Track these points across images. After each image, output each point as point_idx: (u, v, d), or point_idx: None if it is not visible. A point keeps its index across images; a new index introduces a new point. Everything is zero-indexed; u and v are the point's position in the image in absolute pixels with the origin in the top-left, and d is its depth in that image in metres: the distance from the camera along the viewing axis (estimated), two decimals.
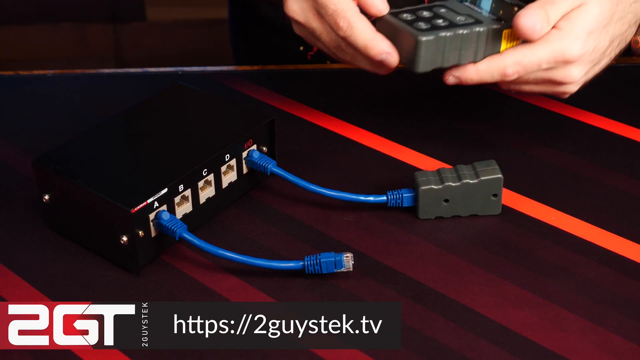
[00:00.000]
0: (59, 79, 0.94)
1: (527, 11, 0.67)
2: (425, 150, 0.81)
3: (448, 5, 0.73)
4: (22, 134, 0.85)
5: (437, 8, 0.73)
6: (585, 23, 0.67)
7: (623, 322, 0.63)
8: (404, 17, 0.71)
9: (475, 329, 0.63)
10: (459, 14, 0.72)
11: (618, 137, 0.82)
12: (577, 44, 0.67)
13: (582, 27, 0.67)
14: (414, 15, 0.71)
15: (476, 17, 0.71)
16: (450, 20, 0.71)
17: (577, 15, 0.68)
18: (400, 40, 0.71)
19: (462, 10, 0.73)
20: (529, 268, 0.67)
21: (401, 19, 0.71)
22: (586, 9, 0.67)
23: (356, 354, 0.61)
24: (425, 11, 0.72)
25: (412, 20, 0.71)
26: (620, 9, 0.70)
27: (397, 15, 0.71)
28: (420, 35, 0.68)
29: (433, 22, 0.70)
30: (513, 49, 0.69)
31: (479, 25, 0.70)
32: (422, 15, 0.71)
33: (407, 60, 0.71)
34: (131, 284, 0.67)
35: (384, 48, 0.70)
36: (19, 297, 0.66)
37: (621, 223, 0.72)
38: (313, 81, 0.93)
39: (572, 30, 0.67)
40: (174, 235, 0.66)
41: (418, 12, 0.72)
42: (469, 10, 0.73)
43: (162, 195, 0.66)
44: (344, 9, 0.70)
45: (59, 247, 0.70)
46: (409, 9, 0.72)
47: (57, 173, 0.68)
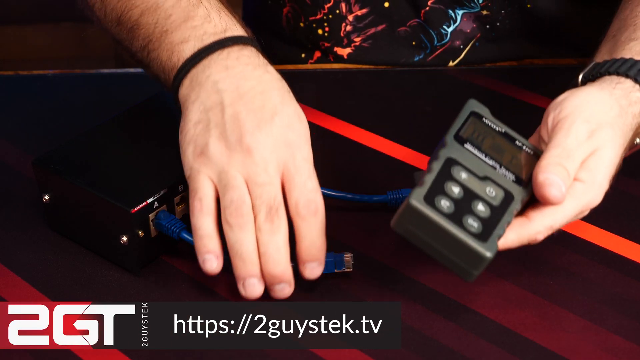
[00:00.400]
0: (59, 79, 0.94)
1: (549, 177, 0.60)
2: (425, 150, 0.81)
3: (460, 161, 0.62)
4: (22, 134, 0.85)
5: (457, 172, 0.61)
6: (606, 169, 0.63)
7: (623, 322, 0.63)
8: (442, 208, 0.58)
9: (475, 329, 0.63)
10: (482, 181, 0.61)
11: None
12: (601, 192, 0.64)
13: (604, 175, 0.63)
14: (448, 199, 0.59)
15: (498, 181, 0.62)
16: (487, 202, 0.60)
17: (596, 164, 0.62)
18: (444, 241, 0.59)
19: (477, 168, 0.62)
20: (529, 268, 0.67)
21: (441, 211, 0.58)
22: (602, 155, 0.63)
23: (356, 354, 0.61)
24: (453, 184, 0.60)
25: (453, 212, 0.59)
26: (627, 134, 0.66)
27: (432, 204, 0.58)
28: (485, 250, 0.58)
29: (476, 211, 0.59)
30: (541, 214, 0.62)
31: (513, 203, 0.61)
32: (456, 196, 0.60)
33: (454, 267, 0.59)
34: (131, 284, 0.67)
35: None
36: (19, 297, 0.66)
37: (621, 223, 0.72)
38: (313, 81, 0.93)
39: (595, 181, 0.62)
40: (174, 235, 0.66)
41: (448, 190, 0.60)
42: (480, 165, 0.62)
43: (162, 195, 0.66)
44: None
45: (59, 247, 0.70)
46: (433, 183, 0.60)
47: (57, 173, 0.68)
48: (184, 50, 0.67)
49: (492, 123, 0.65)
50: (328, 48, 0.96)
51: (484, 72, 0.94)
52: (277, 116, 0.64)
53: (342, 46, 0.96)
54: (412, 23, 0.93)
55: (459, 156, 0.62)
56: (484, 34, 0.95)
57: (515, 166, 0.63)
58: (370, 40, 0.95)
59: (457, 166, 0.61)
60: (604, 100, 0.64)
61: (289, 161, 0.63)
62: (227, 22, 0.68)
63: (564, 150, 0.61)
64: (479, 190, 0.61)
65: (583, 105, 0.64)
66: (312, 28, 0.96)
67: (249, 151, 0.63)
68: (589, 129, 0.62)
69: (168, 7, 0.70)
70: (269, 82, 0.66)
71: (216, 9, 0.69)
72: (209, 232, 0.63)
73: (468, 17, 0.93)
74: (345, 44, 0.95)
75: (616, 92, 0.66)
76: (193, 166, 0.64)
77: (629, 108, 0.65)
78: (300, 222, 0.63)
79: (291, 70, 0.95)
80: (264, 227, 0.62)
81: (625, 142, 0.65)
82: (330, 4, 0.93)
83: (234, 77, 0.65)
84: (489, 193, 0.61)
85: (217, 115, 0.64)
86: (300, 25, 0.96)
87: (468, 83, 0.92)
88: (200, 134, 0.64)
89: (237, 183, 0.63)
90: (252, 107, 0.64)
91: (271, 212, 0.62)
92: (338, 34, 0.95)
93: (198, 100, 0.65)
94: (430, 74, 0.95)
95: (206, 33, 0.67)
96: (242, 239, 0.62)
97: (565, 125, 0.62)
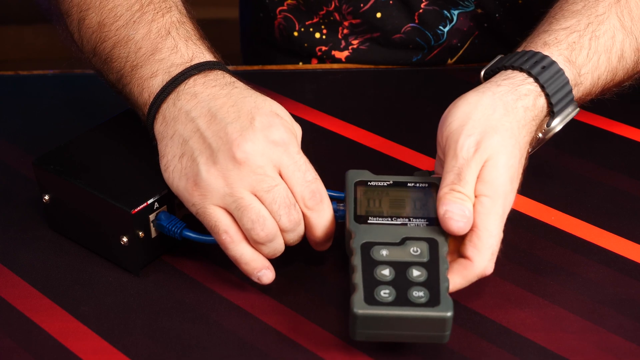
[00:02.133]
0: (59, 79, 0.94)
1: (448, 209, 0.61)
2: (425, 150, 0.81)
3: (373, 240, 0.62)
4: (22, 134, 0.85)
5: (377, 252, 0.61)
6: (503, 176, 0.62)
7: (623, 322, 0.63)
8: (385, 299, 0.58)
9: (475, 329, 0.63)
10: (402, 245, 0.61)
11: (618, 137, 0.82)
12: (511, 195, 0.63)
13: (504, 182, 0.62)
14: (385, 285, 0.59)
15: (416, 235, 0.62)
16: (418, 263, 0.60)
17: (491, 175, 0.62)
18: (404, 326, 0.58)
19: (392, 236, 0.62)
20: (529, 268, 0.67)
21: (385, 302, 0.58)
22: (495, 163, 0.62)
23: (356, 353, 0.61)
24: (381, 268, 0.60)
25: (396, 296, 0.58)
26: (520, 130, 0.65)
27: (374, 302, 0.58)
28: (443, 312, 0.58)
29: (414, 278, 0.59)
30: (477, 250, 0.61)
31: (440, 247, 0.61)
32: (389, 277, 0.59)
33: (426, 339, 0.59)
34: (131, 284, 0.67)
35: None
36: (19, 297, 0.66)
37: (621, 223, 0.72)
38: (313, 81, 0.93)
39: (497, 191, 0.62)
40: (176, 235, 0.66)
41: (379, 276, 0.59)
42: (392, 231, 0.62)
43: (162, 196, 0.66)
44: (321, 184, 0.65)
45: (59, 247, 0.70)
46: (364, 281, 0.59)
47: (57, 173, 0.68)
48: (152, 85, 0.68)
49: (377, 181, 0.66)
50: (325, 52, 0.96)
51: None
52: (255, 120, 0.64)
53: (339, 49, 0.96)
54: (406, 29, 0.93)
55: (369, 237, 0.62)
56: (481, 31, 0.95)
57: (422, 209, 0.64)
58: (367, 44, 0.95)
59: (374, 247, 0.62)
60: (484, 104, 0.64)
61: (282, 159, 0.63)
62: (194, 51, 0.69)
63: (455, 174, 0.62)
64: (406, 256, 0.61)
65: (464, 117, 0.64)
66: (309, 32, 0.96)
67: (243, 164, 0.62)
68: (474, 142, 0.63)
69: (138, 39, 0.70)
70: (237, 94, 0.66)
71: (184, 39, 0.69)
72: (250, 255, 0.64)
73: (464, 16, 0.93)
74: (343, 46, 0.95)
75: (501, 89, 0.65)
76: (196, 202, 0.64)
77: (518, 102, 0.65)
78: (310, 214, 0.64)
79: (291, 71, 0.95)
80: (289, 228, 0.64)
81: (518, 139, 0.64)
82: (323, 12, 0.93)
83: (203, 101, 0.66)
84: (415, 253, 0.61)
85: (198, 142, 0.64)
86: (294, 35, 0.96)
87: (467, 82, 0.92)
88: (188, 166, 0.64)
89: (247, 201, 0.63)
90: (228, 120, 0.64)
91: (290, 212, 0.63)
92: (336, 36, 0.95)
93: (176, 134, 0.65)
94: (430, 73, 0.95)
95: (173, 64, 0.68)
96: (275, 248, 0.64)
97: (452, 145, 0.63)
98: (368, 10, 0.92)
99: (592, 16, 0.71)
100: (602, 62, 0.70)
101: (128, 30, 0.70)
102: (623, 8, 0.72)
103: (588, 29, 0.70)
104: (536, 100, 0.66)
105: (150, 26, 0.70)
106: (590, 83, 0.70)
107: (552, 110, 0.67)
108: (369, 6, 0.92)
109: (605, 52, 0.70)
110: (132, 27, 0.70)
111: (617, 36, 0.71)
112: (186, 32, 0.70)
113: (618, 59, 0.71)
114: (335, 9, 0.92)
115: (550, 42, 0.68)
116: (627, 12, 0.72)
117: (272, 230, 0.63)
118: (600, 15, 0.71)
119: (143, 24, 0.70)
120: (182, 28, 0.70)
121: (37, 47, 2.12)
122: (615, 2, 0.72)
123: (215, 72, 0.68)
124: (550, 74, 0.66)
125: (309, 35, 0.96)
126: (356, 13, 0.93)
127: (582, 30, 0.70)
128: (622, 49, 0.71)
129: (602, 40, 0.70)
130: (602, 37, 0.70)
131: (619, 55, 0.71)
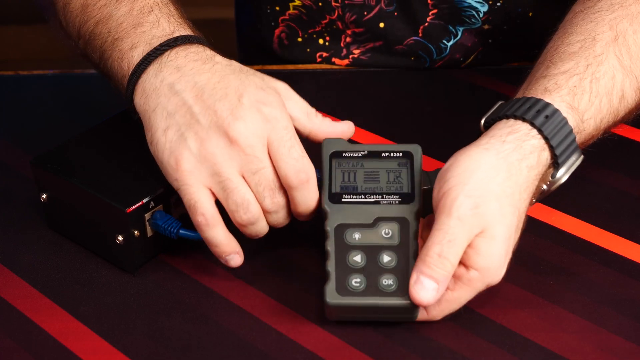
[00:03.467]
0: (59, 79, 0.94)
1: (423, 280, 0.59)
2: (425, 150, 0.81)
3: (347, 222, 0.63)
4: (22, 134, 0.85)
5: (350, 235, 0.63)
6: (499, 250, 0.60)
7: (623, 322, 0.63)
8: (356, 288, 0.61)
9: (475, 329, 0.63)
10: (374, 227, 0.63)
11: (618, 137, 0.82)
12: (500, 272, 0.61)
13: (499, 258, 0.60)
14: (357, 274, 0.61)
15: (388, 214, 0.63)
16: (389, 246, 0.62)
17: (487, 247, 0.60)
18: (375, 312, 0.61)
19: (365, 217, 0.63)
20: (529, 268, 0.67)
21: (356, 292, 0.61)
22: (492, 234, 0.60)
23: (356, 353, 0.61)
24: (353, 254, 0.62)
25: (367, 284, 0.61)
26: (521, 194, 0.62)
27: (345, 291, 0.60)
28: (410, 300, 0.60)
29: (384, 264, 0.62)
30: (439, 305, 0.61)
31: (410, 228, 0.63)
32: (361, 264, 0.62)
33: (396, 319, 0.62)
34: (131, 284, 0.67)
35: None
36: (19, 297, 0.66)
37: (621, 223, 0.72)
38: (313, 81, 0.93)
39: (490, 267, 0.60)
40: (172, 235, 0.66)
41: (352, 263, 0.62)
42: (365, 211, 0.64)
43: (158, 195, 0.66)
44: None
45: (59, 247, 0.70)
46: (337, 270, 0.61)
47: (54, 172, 0.68)
48: (133, 56, 0.67)
49: (352, 152, 0.67)
50: (326, 58, 0.96)
51: (484, 72, 0.93)
52: (243, 97, 0.64)
53: (340, 57, 0.96)
54: (409, 42, 0.93)
55: (343, 217, 0.63)
56: (485, 48, 0.94)
57: (395, 182, 0.65)
58: (368, 54, 0.95)
59: (347, 230, 0.63)
60: (489, 163, 0.61)
61: (271, 134, 0.63)
62: (175, 26, 0.69)
63: (445, 234, 0.59)
64: (377, 239, 0.63)
65: (466, 175, 0.61)
66: (313, 39, 0.96)
67: (234, 142, 0.62)
68: (473, 204, 0.60)
69: (120, 15, 0.70)
70: (220, 70, 0.66)
71: (166, 16, 0.70)
72: (222, 239, 0.64)
73: (469, 32, 0.92)
74: (344, 55, 0.95)
75: (506, 146, 0.62)
76: (179, 178, 0.63)
77: (522, 162, 0.62)
78: (293, 193, 0.64)
79: (291, 71, 0.95)
80: (272, 209, 0.64)
81: (518, 206, 0.62)
82: (326, 20, 0.93)
83: (187, 75, 0.65)
84: (386, 235, 0.62)
85: (185, 117, 0.64)
86: (298, 41, 0.96)
87: (468, 83, 0.92)
88: (174, 140, 0.63)
89: (235, 183, 0.63)
90: (217, 97, 0.64)
91: (274, 194, 0.63)
92: (338, 44, 0.95)
93: (159, 106, 0.65)
94: (430, 74, 0.95)
95: (154, 37, 0.68)
96: (257, 230, 0.65)
97: (447, 202, 0.60)
98: (371, 19, 0.92)
99: (590, 57, 0.68)
100: (604, 105, 0.67)
101: (110, 8, 0.71)
102: (621, 47, 0.69)
103: (588, 71, 0.67)
104: (540, 156, 0.63)
105: (133, 4, 0.70)
106: (594, 127, 0.67)
107: (557, 162, 0.64)
108: (372, 15, 0.92)
109: (606, 95, 0.67)
110: (115, 6, 0.71)
111: (617, 76, 0.68)
112: (169, 11, 0.71)
113: (619, 100, 0.68)
114: (339, 17, 0.92)
115: (551, 87, 0.66)
116: (626, 51, 0.69)
117: (254, 214, 0.63)
118: (598, 55, 0.68)
119: (125, 2, 0.71)
120: (165, 7, 0.71)
121: (37, 47, 2.12)
122: (613, 41, 0.69)
123: (196, 45, 0.68)
124: (554, 124, 0.63)
125: (312, 41, 0.96)
126: (359, 22, 0.92)
127: (581, 73, 0.67)
128: (622, 89, 0.68)
129: (603, 82, 0.67)
130: (603, 78, 0.67)
131: (620, 96, 0.68)
